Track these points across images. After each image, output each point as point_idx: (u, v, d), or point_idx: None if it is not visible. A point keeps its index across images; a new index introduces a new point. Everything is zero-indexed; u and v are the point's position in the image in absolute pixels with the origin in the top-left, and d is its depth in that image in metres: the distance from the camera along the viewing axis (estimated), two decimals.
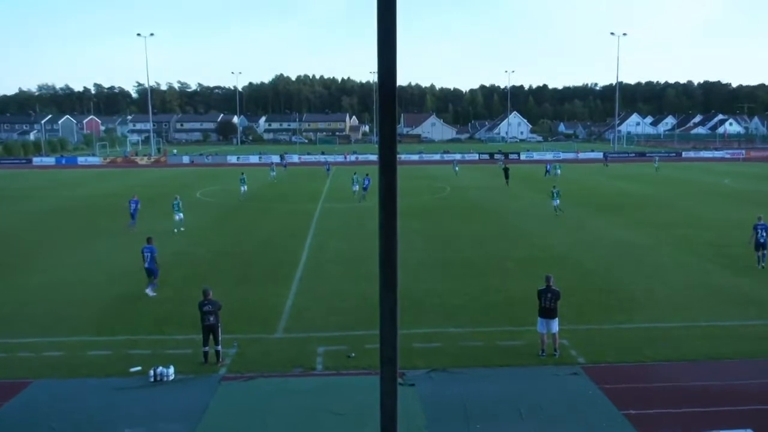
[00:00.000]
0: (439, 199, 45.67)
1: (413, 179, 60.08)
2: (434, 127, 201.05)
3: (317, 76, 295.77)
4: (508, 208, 39.59)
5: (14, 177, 69.38)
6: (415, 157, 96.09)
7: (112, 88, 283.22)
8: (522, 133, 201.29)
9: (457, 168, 72.74)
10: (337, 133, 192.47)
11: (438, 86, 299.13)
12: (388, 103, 3.34)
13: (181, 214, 32.49)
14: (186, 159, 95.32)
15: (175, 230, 31.34)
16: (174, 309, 18.22)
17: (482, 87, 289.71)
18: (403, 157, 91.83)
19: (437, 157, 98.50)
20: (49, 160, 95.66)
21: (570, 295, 18.46)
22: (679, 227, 31.92)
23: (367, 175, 49.02)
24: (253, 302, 18.93)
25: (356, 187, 47.45)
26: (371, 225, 32.35)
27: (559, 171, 66.44)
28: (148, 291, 19.70)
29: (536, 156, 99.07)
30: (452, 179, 61.21)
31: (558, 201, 38.00)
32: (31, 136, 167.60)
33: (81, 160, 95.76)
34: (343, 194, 48.58)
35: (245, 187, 47.68)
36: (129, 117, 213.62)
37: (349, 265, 23.52)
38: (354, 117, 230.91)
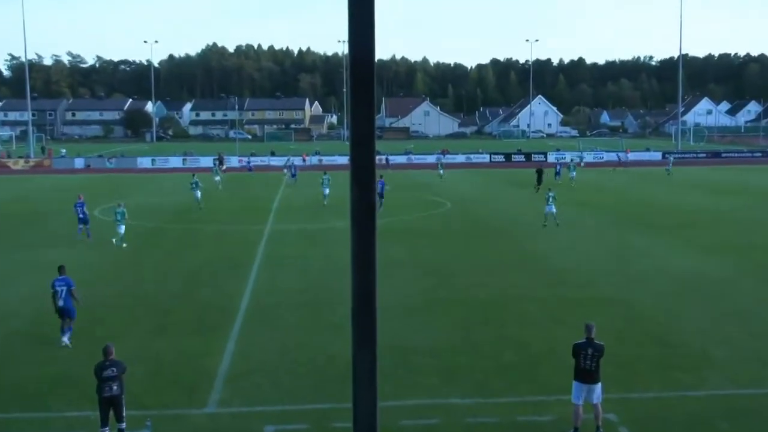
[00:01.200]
0: (435, 216, 45.90)
1: (399, 190, 60.37)
2: (428, 118, 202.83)
3: (264, 47, 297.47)
4: (526, 229, 39.90)
5: None
6: (402, 159, 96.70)
7: None
8: (550, 125, 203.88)
9: (442, 171, 73.54)
10: (294, 126, 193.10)
11: (433, 61, 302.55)
12: (363, 85, 3.36)
13: (123, 228, 36.13)
14: (79, 162, 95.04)
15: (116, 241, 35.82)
16: (62, 373, 18.03)
17: (494, 62, 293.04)
18: (384, 159, 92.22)
19: (432, 159, 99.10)
20: None
21: (617, 350, 18.61)
22: (766, 252, 32.36)
23: (381, 177, 50.07)
24: (174, 362, 18.81)
25: (327, 191, 51.24)
26: (340, 253, 32.40)
27: (574, 173, 67.32)
28: (65, 339, 20.07)
29: (569, 157, 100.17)
30: (448, 189, 61.60)
31: (554, 208, 40.75)
32: None
33: None
34: (300, 210, 48.64)
35: (199, 193, 51.94)
36: None
37: (308, 310, 23.49)
38: (316, 103, 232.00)
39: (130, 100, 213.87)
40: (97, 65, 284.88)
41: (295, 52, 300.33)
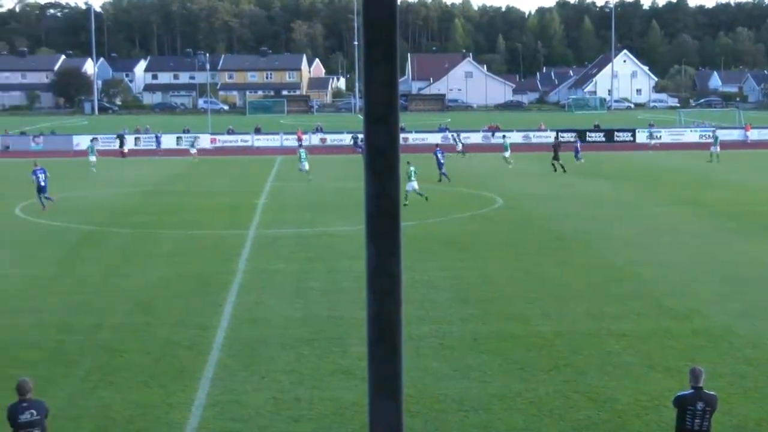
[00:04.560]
0: (480, 219, 45.81)
1: (430, 182, 60.26)
2: (471, 81, 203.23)
3: None
4: (607, 237, 39.73)
5: None
6: (436, 138, 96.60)
7: None
8: (639, 91, 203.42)
9: (460, 147, 75.34)
10: (286, 93, 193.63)
11: (477, 4, 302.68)
12: (381, 36, 3.30)
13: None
14: None
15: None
16: None
17: (562, 5, 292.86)
18: (411, 138, 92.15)
19: (478, 137, 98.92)
20: None
21: (737, 406, 18.43)
22: None
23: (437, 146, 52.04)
24: (126, 419, 18.90)
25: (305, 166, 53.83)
26: (351, 268, 32.36)
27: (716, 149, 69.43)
28: None
29: (669, 135, 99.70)
30: (498, 179, 61.43)
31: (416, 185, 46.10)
32: None
33: None
34: (295, 208, 48.67)
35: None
36: None
37: (309, 349, 23.46)
38: (317, 62, 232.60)
39: (63, 57, 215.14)
40: (17, 10, 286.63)
41: None
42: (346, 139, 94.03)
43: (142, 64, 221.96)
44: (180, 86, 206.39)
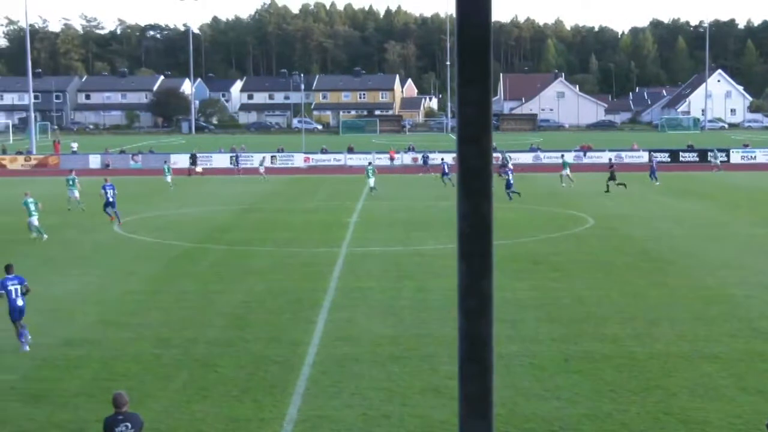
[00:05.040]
0: (572, 239, 45.47)
1: (521, 201, 60.02)
2: (563, 101, 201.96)
3: (339, 6, 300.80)
4: (702, 258, 39.17)
5: None
6: (527, 158, 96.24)
7: None
8: (734, 111, 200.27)
9: (509, 164, 74.97)
10: (379, 113, 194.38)
11: (569, 24, 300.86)
12: (474, 57, 3.32)
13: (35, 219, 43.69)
14: (95, 161, 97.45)
15: (34, 235, 44.33)
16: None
17: (656, 25, 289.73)
18: (502, 158, 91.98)
19: (570, 156, 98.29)
20: None
21: None
22: None
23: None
24: (219, 430, 19.06)
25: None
26: (442, 287, 32.31)
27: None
28: (26, 347, 24.30)
29: (764, 156, 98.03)
30: (590, 200, 60.91)
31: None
32: None
33: None
34: (387, 226, 48.82)
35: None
36: None
37: (399, 366, 23.49)
38: (409, 82, 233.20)
39: (162, 77, 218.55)
40: (118, 32, 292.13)
41: (381, 11, 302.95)
42: (438, 158, 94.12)
43: (238, 84, 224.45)
44: (275, 106, 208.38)
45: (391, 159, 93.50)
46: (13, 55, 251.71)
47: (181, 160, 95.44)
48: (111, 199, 50.86)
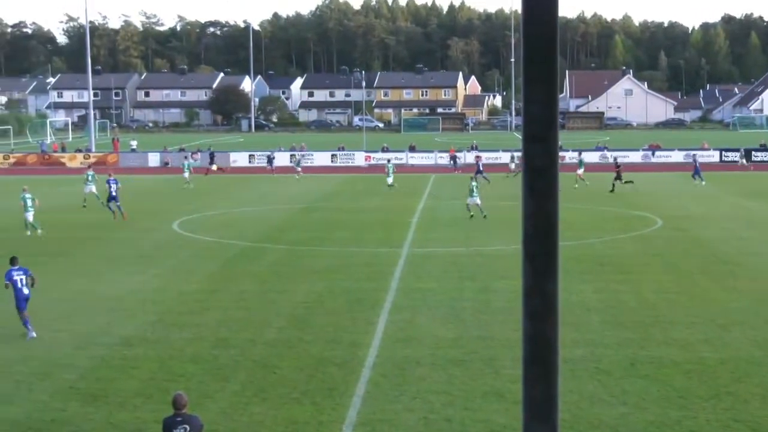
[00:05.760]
0: (638, 240, 45.14)
1: (586, 201, 59.67)
2: (631, 98, 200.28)
3: (401, 2, 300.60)
4: None
5: None
6: (593, 157, 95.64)
7: (19, 27, 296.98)
8: None
9: (513, 166, 75.06)
10: (441, 111, 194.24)
11: (637, 20, 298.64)
12: (540, 53, 3.31)
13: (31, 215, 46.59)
14: (154, 159, 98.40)
15: (29, 233, 45.60)
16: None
17: (728, 20, 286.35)
18: (568, 157, 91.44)
19: (638, 156, 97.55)
20: None
21: None
22: None
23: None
24: None
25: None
26: (505, 289, 32.24)
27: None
28: (32, 332, 26.25)
29: None
30: (657, 200, 60.39)
31: (478, 200, 51.48)
32: None
33: None
34: (449, 226, 48.82)
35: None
36: (50, 79, 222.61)
37: (461, 369, 23.48)
38: (472, 79, 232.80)
39: (221, 74, 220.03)
40: (178, 28, 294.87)
41: (444, 8, 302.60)
42: (502, 157, 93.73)
43: (298, 82, 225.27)
44: (336, 104, 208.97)
45: (452, 157, 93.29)
46: (72, 52, 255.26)
47: (240, 159, 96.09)
48: (114, 194, 52.82)
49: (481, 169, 72.00)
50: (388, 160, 77.42)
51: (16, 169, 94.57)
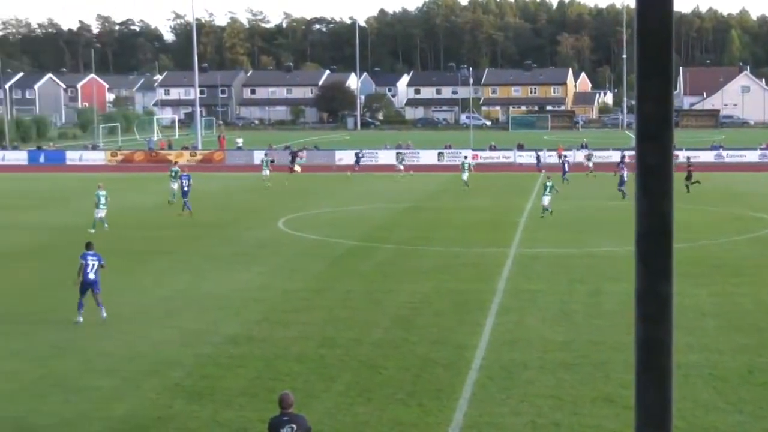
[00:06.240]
0: (757, 242, 44.31)
1: (701, 202, 58.74)
2: (748, 96, 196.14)
3: None
4: None
5: None
6: (708, 157, 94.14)
7: (127, 24, 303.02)
8: None
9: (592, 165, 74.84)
10: (550, 108, 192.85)
11: (755, 14, 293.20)
12: (654, 49, 3.27)
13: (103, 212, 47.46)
14: (259, 156, 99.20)
15: (93, 230, 45.40)
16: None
17: None
18: (681, 156, 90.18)
19: (754, 155, 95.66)
20: (17, 156, 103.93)
21: None
22: None
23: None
24: None
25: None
26: (616, 291, 31.93)
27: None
28: (81, 318, 28.16)
29: None
30: None
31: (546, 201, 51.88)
32: None
33: (71, 155, 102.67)
34: (558, 225, 48.50)
35: None
36: (157, 77, 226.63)
37: (570, 373, 23.34)
38: (583, 76, 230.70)
39: (327, 72, 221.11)
40: (284, 25, 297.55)
41: (554, 3, 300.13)
42: (613, 156, 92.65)
43: (404, 79, 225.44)
44: (442, 101, 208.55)
45: (560, 156, 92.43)
46: (179, 50, 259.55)
47: (346, 157, 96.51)
48: (185, 189, 54.13)
49: (566, 169, 73.06)
50: (465, 157, 79.51)
51: (124, 166, 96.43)
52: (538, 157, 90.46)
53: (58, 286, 31.18)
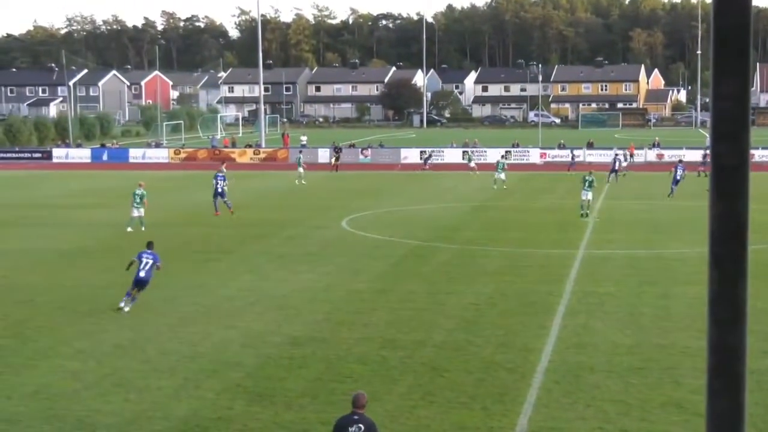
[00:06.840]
0: None
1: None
2: None
3: None
4: None
5: (18, 183, 76.69)
6: (693, 154, 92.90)
7: (192, 21, 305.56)
8: None
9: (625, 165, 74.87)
10: (622, 106, 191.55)
11: None
12: (731, 45, 3.22)
13: (142, 210, 47.55)
14: (323, 154, 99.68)
15: (129, 228, 46.91)
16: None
17: None
18: (757, 155, 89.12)
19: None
20: (81, 154, 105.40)
21: None
22: None
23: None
24: None
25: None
26: (688, 295, 31.62)
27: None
28: (123, 305, 29.29)
29: None
30: None
31: (590, 195, 52.20)
32: (52, 109, 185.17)
33: (134, 153, 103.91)
34: (627, 226, 48.13)
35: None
36: (221, 74, 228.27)
37: (639, 378, 23.12)
38: (655, 73, 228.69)
39: (393, 68, 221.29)
40: (350, 21, 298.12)
41: None
42: (687, 155, 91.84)
43: (472, 76, 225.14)
44: (510, 98, 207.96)
45: (630, 155, 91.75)
46: (244, 47, 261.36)
47: (411, 155, 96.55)
48: (220, 189, 53.55)
49: (616, 168, 73.08)
50: (502, 156, 79.74)
51: (187, 164, 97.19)
52: (572, 156, 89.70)
53: (122, 286, 31.42)
